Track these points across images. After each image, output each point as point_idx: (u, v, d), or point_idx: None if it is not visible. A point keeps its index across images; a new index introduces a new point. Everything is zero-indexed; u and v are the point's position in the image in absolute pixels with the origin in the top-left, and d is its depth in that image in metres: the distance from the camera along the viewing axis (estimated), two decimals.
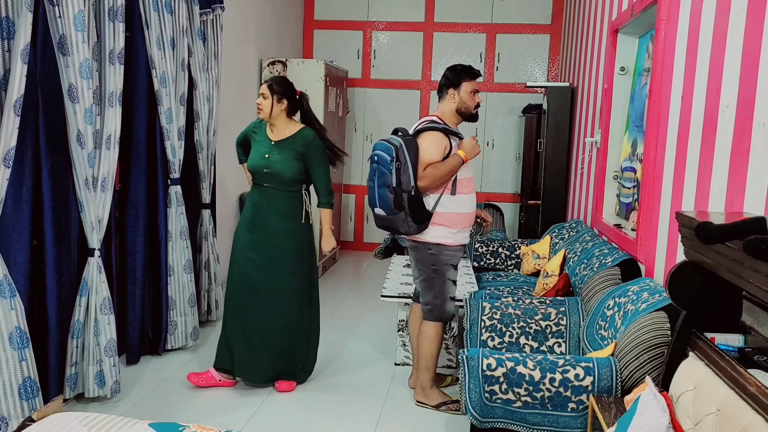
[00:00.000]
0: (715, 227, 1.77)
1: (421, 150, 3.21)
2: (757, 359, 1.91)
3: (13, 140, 2.68)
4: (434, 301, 3.33)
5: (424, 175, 3.19)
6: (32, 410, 2.80)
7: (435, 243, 3.27)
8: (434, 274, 3.31)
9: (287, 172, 3.40)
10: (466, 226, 3.36)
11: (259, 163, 3.42)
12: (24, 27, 2.66)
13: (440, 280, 3.32)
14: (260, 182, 3.45)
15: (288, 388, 3.57)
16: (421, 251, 3.31)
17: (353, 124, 7.34)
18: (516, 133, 7.12)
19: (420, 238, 3.29)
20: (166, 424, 1.97)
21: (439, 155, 3.22)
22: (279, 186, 3.42)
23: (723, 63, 2.44)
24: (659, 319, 2.42)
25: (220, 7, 4.44)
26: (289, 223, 3.45)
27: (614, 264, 3.33)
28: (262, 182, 3.44)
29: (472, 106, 3.35)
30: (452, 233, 3.29)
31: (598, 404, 2.33)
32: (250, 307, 3.46)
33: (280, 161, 3.39)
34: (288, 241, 3.45)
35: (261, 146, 3.46)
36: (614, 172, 4.23)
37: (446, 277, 3.33)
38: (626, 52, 4.15)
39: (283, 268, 3.45)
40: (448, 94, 3.34)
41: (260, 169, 3.42)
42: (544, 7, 6.96)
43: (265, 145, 3.45)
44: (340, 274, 6.55)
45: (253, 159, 3.46)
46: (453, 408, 3.33)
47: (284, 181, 3.42)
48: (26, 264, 2.96)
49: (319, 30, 7.31)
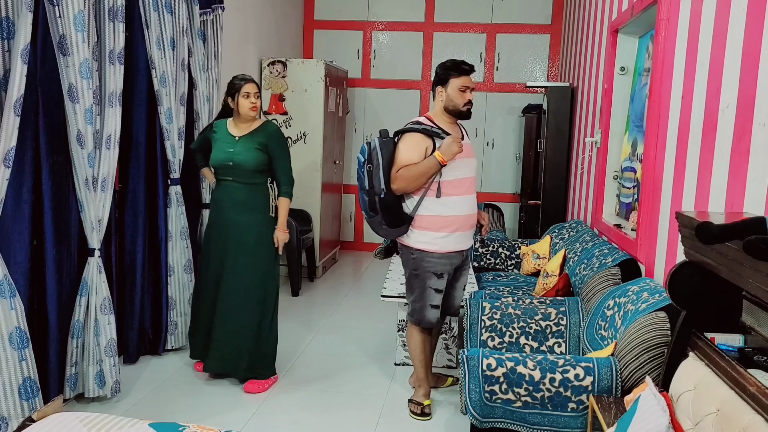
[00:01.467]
0: (715, 227, 1.77)
1: (398, 152, 3.15)
2: (757, 359, 1.91)
3: (13, 140, 2.68)
4: (414, 305, 3.31)
5: (396, 177, 3.12)
6: (32, 410, 2.80)
7: (417, 249, 3.21)
8: (415, 279, 3.26)
9: (250, 162, 3.44)
10: (459, 229, 3.20)
11: (222, 157, 3.47)
12: (24, 27, 2.66)
13: (420, 286, 3.25)
14: (224, 177, 3.49)
15: (257, 389, 3.54)
16: (404, 254, 3.29)
17: (353, 124, 7.34)
18: (516, 133, 7.12)
19: (404, 241, 3.26)
20: (166, 424, 1.97)
21: (416, 157, 3.11)
22: (242, 179, 3.46)
23: (723, 63, 2.44)
24: (659, 319, 2.42)
25: (220, 7, 4.44)
26: (251, 216, 3.49)
27: (614, 264, 3.33)
28: (226, 176, 3.49)
29: (461, 103, 3.18)
30: (439, 238, 3.17)
31: (598, 404, 2.33)
32: (214, 301, 3.53)
33: (242, 152, 3.45)
34: (249, 233, 3.49)
35: (223, 143, 3.50)
36: (614, 172, 4.23)
37: (426, 285, 3.23)
38: (626, 52, 4.15)
39: (244, 261, 3.49)
40: (437, 92, 3.23)
41: (224, 163, 3.46)
42: (544, 7, 6.96)
43: (228, 141, 3.50)
44: (340, 274, 6.55)
45: (216, 155, 3.49)
46: (412, 408, 3.34)
47: (247, 173, 3.45)
48: (26, 264, 2.97)
49: (319, 30, 7.31)
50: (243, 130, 3.51)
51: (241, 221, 3.48)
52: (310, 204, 6.10)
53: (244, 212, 3.48)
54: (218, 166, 3.48)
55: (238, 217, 3.48)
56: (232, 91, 3.48)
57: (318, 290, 5.82)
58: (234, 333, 3.50)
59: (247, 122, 3.51)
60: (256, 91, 3.48)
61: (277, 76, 6.08)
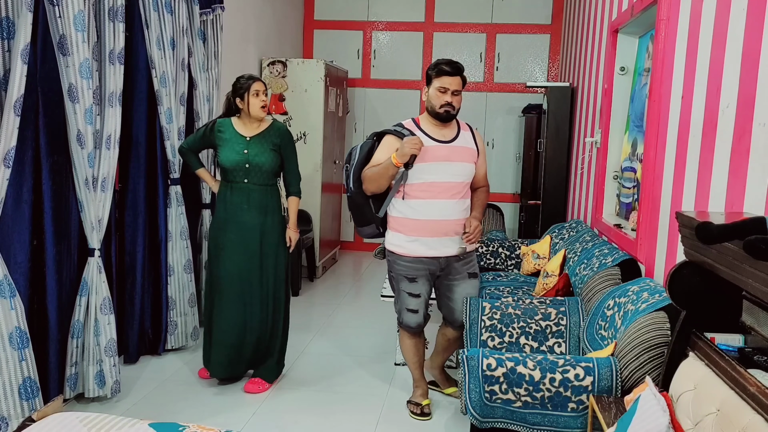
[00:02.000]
0: (715, 227, 1.77)
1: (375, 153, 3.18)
2: (757, 359, 1.91)
3: (13, 140, 2.68)
4: (395, 306, 3.34)
5: (362, 177, 3.16)
6: (32, 410, 2.80)
7: (389, 250, 3.22)
8: (393, 281, 3.28)
9: (267, 164, 3.43)
10: (428, 234, 3.10)
11: (236, 158, 3.40)
12: (24, 27, 2.66)
13: (396, 288, 3.26)
14: (238, 179, 3.43)
15: (257, 389, 3.54)
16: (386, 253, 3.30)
17: (353, 124, 7.34)
18: (516, 133, 7.12)
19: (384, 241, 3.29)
20: (166, 424, 1.97)
21: (383, 158, 3.10)
22: (258, 181, 3.44)
23: (723, 63, 2.44)
24: (659, 319, 2.42)
25: (220, 7, 4.45)
26: (268, 218, 3.48)
27: (614, 264, 3.33)
28: (241, 179, 3.43)
29: (437, 105, 3.06)
30: (407, 241, 3.13)
31: (598, 404, 2.33)
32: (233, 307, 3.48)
33: (259, 154, 3.42)
34: (267, 235, 3.48)
35: (234, 143, 3.43)
36: (614, 172, 4.23)
37: (400, 287, 3.23)
38: (626, 52, 4.15)
39: (264, 263, 3.48)
40: (423, 92, 3.27)
41: (241, 165, 3.40)
42: (544, 7, 6.96)
43: (239, 141, 3.43)
44: (340, 274, 6.55)
45: (229, 156, 3.41)
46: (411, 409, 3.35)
47: (264, 175, 3.44)
48: (26, 264, 2.97)
49: (319, 30, 7.31)
50: (252, 130, 3.46)
51: (263, 223, 3.45)
52: (310, 204, 6.10)
53: (264, 214, 3.46)
54: (232, 168, 3.41)
55: (259, 219, 3.45)
56: (240, 92, 3.41)
57: (318, 290, 5.82)
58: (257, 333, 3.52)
59: (256, 122, 3.47)
60: (264, 90, 3.44)
61: (277, 76, 6.08)
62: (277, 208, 3.53)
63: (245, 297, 3.48)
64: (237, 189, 3.45)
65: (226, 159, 3.42)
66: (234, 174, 3.43)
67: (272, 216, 3.49)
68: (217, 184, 3.61)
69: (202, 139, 3.59)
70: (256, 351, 3.56)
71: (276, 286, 3.53)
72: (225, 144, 3.44)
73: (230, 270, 3.46)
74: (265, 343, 3.56)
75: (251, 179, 3.43)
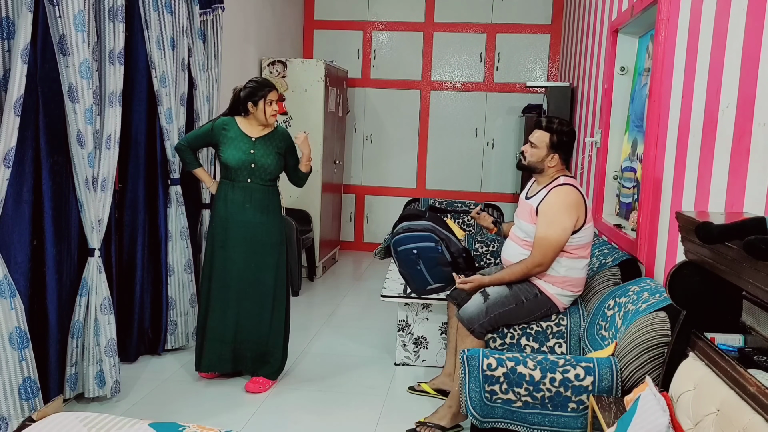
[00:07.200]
0: (715, 227, 1.77)
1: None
2: (757, 359, 1.91)
3: (13, 140, 2.68)
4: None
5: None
6: (32, 410, 2.80)
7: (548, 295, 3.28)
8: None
9: (272, 166, 3.50)
10: None
11: (242, 157, 3.45)
12: (24, 27, 2.66)
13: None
14: (241, 178, 3.47)
15: (257, 389, 3.54)
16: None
17: (353, 124, 7.34)
18: (516, 133, 7.11)
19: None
20: (166, 424, 1.97)
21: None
22: (261, 181, 3.49)
23: (723, 63, 2.44)
24: (659, 319, 2.42)
25: (220, 7, 4.44)
26: (269, 217, 3.52)
27: (614, 264, 3.33)
28: (244, 178, 3.47)
29: None
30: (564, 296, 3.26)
31: (598, 404, 2.33)
32: (230, 304, 3.50)
33: (265, 156, 3.47)
34: (269, 234, 3.52)
35: (240, 143, 3.47)
36: (614, 172, 4.23)
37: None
38: (626, 52, 4.15)
39: (264, 261, 3.51)
40: None
41: (247, 165, 3.45)
42: (544, 7, 6.96)
43: (245, 141, 3.48)
44: (340, 274, 6.55)
45: (234, 155, 3.45)
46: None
47: (268, 175, 3.51)
48: (26, 264, 2.96)
49: (319, 30, 7.31)
50: (258, 132, 3.51)
51: (264, 222, 3.50)
52: (310, 204, 6.10)
53: (265, 213, 3.51)
54: (237, 167, 3.45)
55: (260, 217, 3.49)
56: (255, 98, 3.43)
57: (318, 290, 5.82)
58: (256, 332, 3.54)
59: (262, 124, 3.53)
60: (277, 98, 3.51)
61: (277, 76, 6.08)
62: (278, 208, 3.58)
63: (241, 295, 3.51)
64: (239, 188, 3.48)
65: (232, 157, 3.45)
66: (238, 173, 3.46)
67: (273, 215, 3.54)
68: (215, 184, 3.62)
69: (205, 136, 3.58)
70: (256, 351, 3.56)
71: (276, 286, 3.54)
72: (230, 142, 3.47)
73: (228, 268, 3.50)
74: (264, 343, 3.56)
75: (255, 179, 3.48)
